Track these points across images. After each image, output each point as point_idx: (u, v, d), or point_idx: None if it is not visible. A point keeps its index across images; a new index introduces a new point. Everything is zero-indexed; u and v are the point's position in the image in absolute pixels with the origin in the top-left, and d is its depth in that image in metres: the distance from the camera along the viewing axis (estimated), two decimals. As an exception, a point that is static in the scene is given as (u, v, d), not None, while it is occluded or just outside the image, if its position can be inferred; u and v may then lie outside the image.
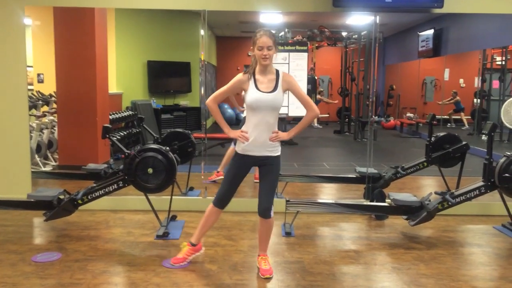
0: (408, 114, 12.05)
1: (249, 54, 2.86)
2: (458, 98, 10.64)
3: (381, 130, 11.57)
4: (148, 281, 2.92)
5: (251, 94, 2.88)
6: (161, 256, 3.31)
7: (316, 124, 11.96)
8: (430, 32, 10.08)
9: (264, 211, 2.98)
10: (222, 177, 5.18)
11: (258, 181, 3.17)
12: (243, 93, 3.06)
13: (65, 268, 3.08)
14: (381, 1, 4.18)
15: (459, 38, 9.30)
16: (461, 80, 10.93)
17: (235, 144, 3.11)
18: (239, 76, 2.96)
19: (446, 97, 10.71)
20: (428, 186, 5.76)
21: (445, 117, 10.65)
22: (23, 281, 2.87)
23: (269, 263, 3.09)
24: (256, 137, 2.90)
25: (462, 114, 10.69)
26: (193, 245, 3.17)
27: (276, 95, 2.88)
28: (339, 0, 4.13)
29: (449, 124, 10.80)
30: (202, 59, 4.52)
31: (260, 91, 2.87)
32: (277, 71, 2.95)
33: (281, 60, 4.74)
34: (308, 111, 3.00)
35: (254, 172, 4.86)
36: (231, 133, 3.02)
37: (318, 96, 11.96)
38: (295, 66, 4.72)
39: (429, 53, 10.25)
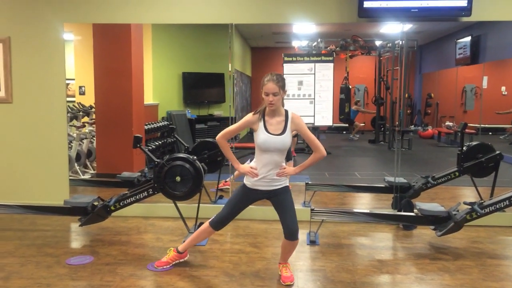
0: (447, 123, 11.76)
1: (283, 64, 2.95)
2: None
3: (418, 140, 11.34)
4: (173, 284, 3.03)
5: (261, 136, 2.94)
6: (186, 262, 3.42)
7: (353, 136, 11.84)
8: (468, 39, 9.86)
9: (292, 234, 3.00)
10: (229, 187, 5.33)
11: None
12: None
13: (96, 270, 3.25)
14: (406, 10, 4.17)
15: (498, 45, 9.04)
16: (503, 88, 10.59)
17: (250, 160, 3.18)
18: (249, 116, 3.01)
19: (486, 105, 10.38)
20: (461, 196, 5.62)
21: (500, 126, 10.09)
22: (57, 282, 3.05)
23: (290, 271, 3.14)
24: (265, 175, 2.98)
25: None
26: (179, 252, 3.34)
27: (284, 137, 2.94)
28: (363, 11, 4.17)
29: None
30: (229, 70, 4.65)
31: (270, 133, 2.93)
32: (286, 112, 2.99)
33: (307, 71, 4.80)
34: (315, 152, 3.04)
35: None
36: (241, 168, 3.07)
37: (355, 107, 11.87)
38: (321, 76, 4.77)
39: (467, 60, 10.01)
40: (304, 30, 8.29)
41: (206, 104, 9.77)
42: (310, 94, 4.69)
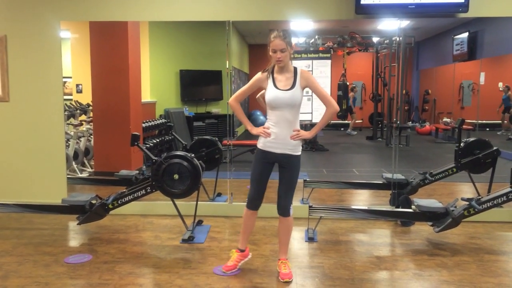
0: (445, 119, 11.77)
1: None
2: (510, 93, 9.97)
3: (415, 136, 11.36)
4: (171, 282, 3.03)
5: (270, 92, 2.97)
6: (185, 259, 3.43)
7: (350, 130, 11.84)
8: (465, 35, 9.87)
9: (283, 209, 3.07)
10: None
11: None
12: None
13: (94, 269, 3.24)
14: (403, 6, 4.17)
15: (495, 41, 9.05)
16: (500, 84, 10.60)
17: None
18: (258, 75, 3.06)
19: (483, 101, 10.39)
20: (459, 192, 5.64)
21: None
22: (55, 281, 3.04)
23: (289, 267, 3.14)
24: (278, 134, 2.97)
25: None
26: (241, 251, 3.24)
27: (293, 92, 2.95)
28: (361, 7, 4.16)
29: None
30: (227, 67, 4.64)
31: (278, 89, 2.96)
32: (295, 69, 3.01)
33: (304, 68, 4.79)
34: (328, 108, 3.06)
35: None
36: (254, 130, 3.08)
37: (351, 93, 11.72)
38: (318, 73, 4.77)
39: (464, 56, 10.03)
40: (301, 27, 8.28)
41: (204, 102, 9.75)
42: (308, 91, 4.68)
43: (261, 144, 3.05)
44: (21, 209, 4.12)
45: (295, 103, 2.98)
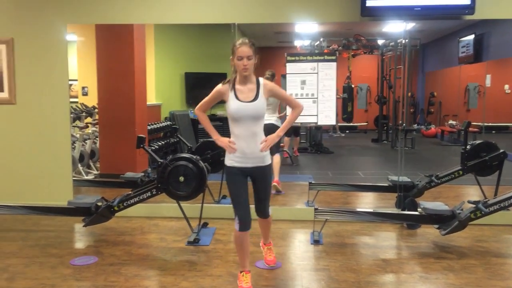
0: (450, 122, 11.73)
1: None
2: None
3: (421, 138, 11.31)
4: (177, 285, 3.03)
5: (232, 105, 2.83)
6: (190, 262, 3.43)
7: (337, 132, 11.81)
8: (471, 37, 9.83)
9: (263, 215, 3.15)
10: (277, 184, 5.41)
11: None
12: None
13: (100, 271, 3.25)
14: (409, 9, 4.17)
15: (501, 43, 9.01)
16: (506, 86, 10.55)
17: (277, 152, 3.17)
18: (219, 87, 2.91)
19: (489, 103, 10.34)
20: (465, 195, 5.60)
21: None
22: (61, 283, 3.05)
23: (273, 253, 3.40)
24: (244, 148, 2.85)
25: None
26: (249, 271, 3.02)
27: (256, 104, 2.84)
28: (366, 9, 4.16)
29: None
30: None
31: (240, 101, 2.83)
32: (258, 80, 2.92)
33: (309, 70, 4.80)
34: (296, 108, 3.03)
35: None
36: (219, 141, 2.95)
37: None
38: (324, 75, 4.76)
39: (470, 59, 9.98)
40: (306, 29, 8.29)
41: (209, 104, 9.77)
42: (313, 94, 4.66)
43: (229, 161, 2.92)
44: (27, 211, 4.14)
45: (259, 115, 2.86)
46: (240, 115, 2.82)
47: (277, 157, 5.58)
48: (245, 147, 2.85)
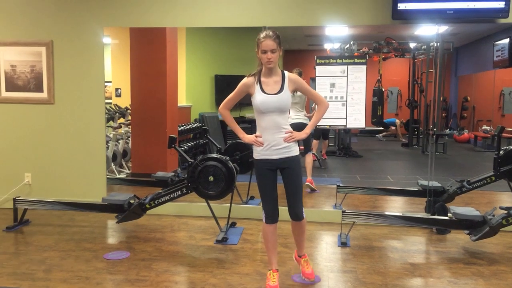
0: (484, 127, 11.45)
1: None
2: None
3: (453, 144, 11.11)
4: (205, 281, 3.11)
5: (258, 97, 2.88)
6: (219, 259, 3.50)
7: (401, 138, 11.64)
8: (506, 41, 9.56)
9: (297, 217, 3.01)
10: (310, 183, 5.48)
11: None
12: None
13: (132, 265, 3.36)
14: (441, 12, 4.13)
15: (538, 46, 8.75)
16: (543, 91, 10.24)
17: (308, 151, 3.13)
18: (244, 80, 2.96)
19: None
20: (497, 201, 5.49)
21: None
22: (95, 276, 3.17)
23: (310, 265, 3.18)
24: (270, 141, 2.89)
25: None
26: (277, 270, 3.05)
27: (282, 96, 2.87)
28: (397, 13, 4.14)
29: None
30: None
31: (266, 93, 2.87)
32: (283, 72, 2.94)
33: (339, 73, 4.81)
34: (321, 105, 3.05)
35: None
36: (246, 138, 3.00)
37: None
38: (353, 78, 4.76)
39: (505, 63, 9.70)
40: (336, 32, 8.27)
41: (238, 106, 9.77)
42: (342, 97, 4.66)
43: (257, 155, 2.96)
44: (63, 207, 4.31)
45: (284, 107, 2.89)
46: (266, 107, 2.86)
47: (308, 157, 5.66)
48: (271, 139, 2.90)
